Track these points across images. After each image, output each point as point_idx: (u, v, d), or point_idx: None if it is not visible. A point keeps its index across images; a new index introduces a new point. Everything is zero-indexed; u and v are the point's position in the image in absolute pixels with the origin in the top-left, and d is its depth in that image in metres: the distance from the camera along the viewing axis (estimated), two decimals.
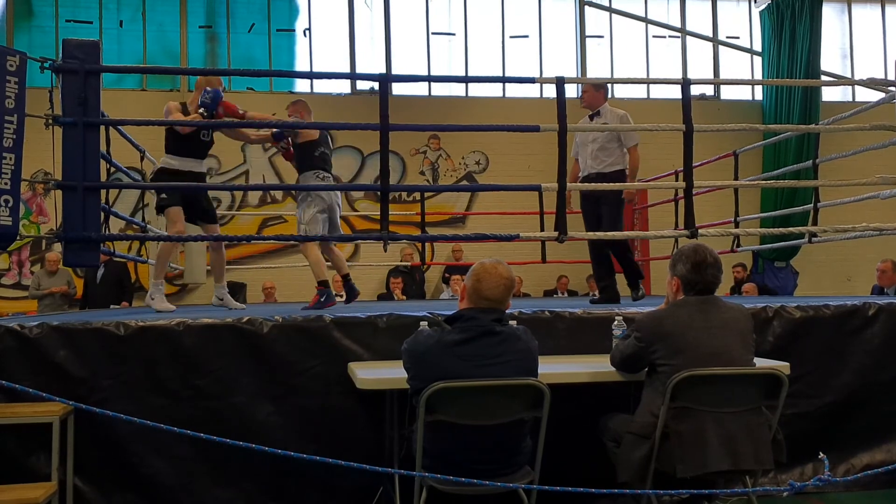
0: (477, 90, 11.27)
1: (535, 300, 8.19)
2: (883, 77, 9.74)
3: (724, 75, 12.04)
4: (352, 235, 10.46)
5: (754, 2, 11.96)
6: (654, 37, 11.99)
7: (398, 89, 10.66)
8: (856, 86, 11.50)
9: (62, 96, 3.91)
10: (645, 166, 9.50)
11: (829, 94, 11.85)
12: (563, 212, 4.37)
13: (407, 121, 7.51)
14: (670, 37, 12.04)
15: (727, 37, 12.16)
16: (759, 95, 12.00)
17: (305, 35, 11.28)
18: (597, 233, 5.06)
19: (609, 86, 11.33)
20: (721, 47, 12.12)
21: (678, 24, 12.02)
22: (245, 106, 5.10)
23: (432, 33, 11.51)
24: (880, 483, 3.68)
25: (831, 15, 12.12)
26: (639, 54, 11.90)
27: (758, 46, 11.96)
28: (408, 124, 8.28)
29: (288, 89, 10.99)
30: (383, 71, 10.94)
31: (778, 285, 11.02)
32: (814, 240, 6.25)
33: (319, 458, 1.98)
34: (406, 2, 11.43)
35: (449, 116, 10.13)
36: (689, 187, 4.51)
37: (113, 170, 5.68)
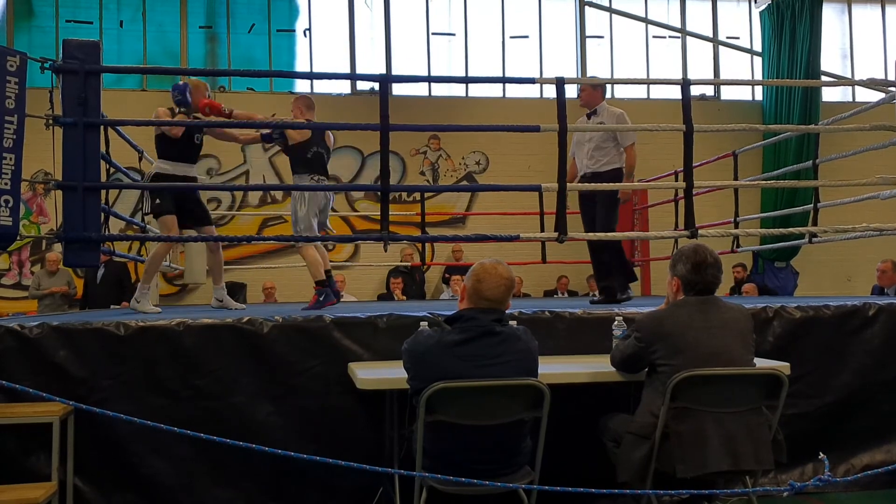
0: (477, 90, 11.26)
1: (536, 300, 8.19)
2: (883, 77, 9.74)
3: (724, 75, 12.04)
4: (352, 236, 10.47)
5: (754, 2, 11.96)
6: (654, 37, 11.99)
7: (398, 89, 10.66)
8: (856, 86, 11.49)
9: (62, 97, 3.91)
10: (645, 166, 9.59)
11: (829, 94, 11.85)
12: (563, 212, 4.37)
13: (407, 121, 7.50)
14: (670, 37, 12.03)
15: (727, 37, 12.15)
16: (759, 96, 11.99)
17: (305, 35, 11.28)
18: (597, 233, 5.06)
19: (607, 84, 11.49)
20: (721, 47, 12.11)
21: (678, 25, 12.02)
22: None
23: (432, 33, 11.51)
24: (880, 483, 3.68)
25: (831, 15, 12.11)
26: (639, 54, 11.89)
27: (758, 47, 11.96)
28: (408, 124, 8.28)
29: (288, 90, 10.98)
30: (383, 71, 10.94)
31: (778, 285, 11.01)
32: (814, 240, 6.24)
33: (319, 458, 1.98)
34: (406, 2, 11.43)
35: (449, 117, 10.12)
36: (689, 187, 4.51)
37: (113, 170, 5.68)
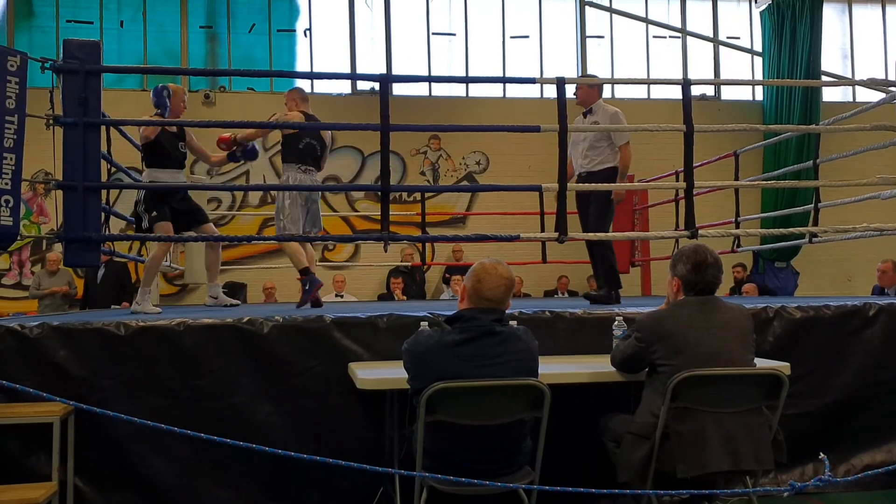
0: (477, 90, 11.26)
1: (536, 300, 8.19)
2: (883, 77, 9.76)
3: (724, 75, 12.03)
4: (352, 236, 10.47)
5: (755, 2, 11.96)
6: (654, 37, 11.99)
7: (398, 89, 10.66)
8: (856, 86, 11.49)
9: (63, 96, 3.91)
10: (645, 166, 9.60)
11: (830, 94, 11.84)
12: (563, 212, 4.37)
13: (407, 121, 7.51)
14: (671, 37, 12.03)
15: (727, 37, 12.15)
16: (759, 96, 11.99)
17: (306, 35, 11.28)
18: (597, 233, 5.06)
19: (608, 84, 11.48)
20: (721, 47, 12.11)
21: (678, 25, 12.02)
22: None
23: (432, 33, 11.51)
24: (881, 483, 3.68)
25: (832, 15, 12.11)
26: (639, 54, 11.89)
27: (758, 47, 11.96)
28: (408, 124, 8.29)
29: (288, 89, 10.95)
30: (384, 71, 10.94)
31: (778, 285, 11.01)
32: (814, 240, 6.24)
33: (319, 458, 1.98)
34: (406, 2, 11.43)
35: (449, 117, 10.12)
36: (690, 187, 4.51)
37: (113, 170, 5.68)
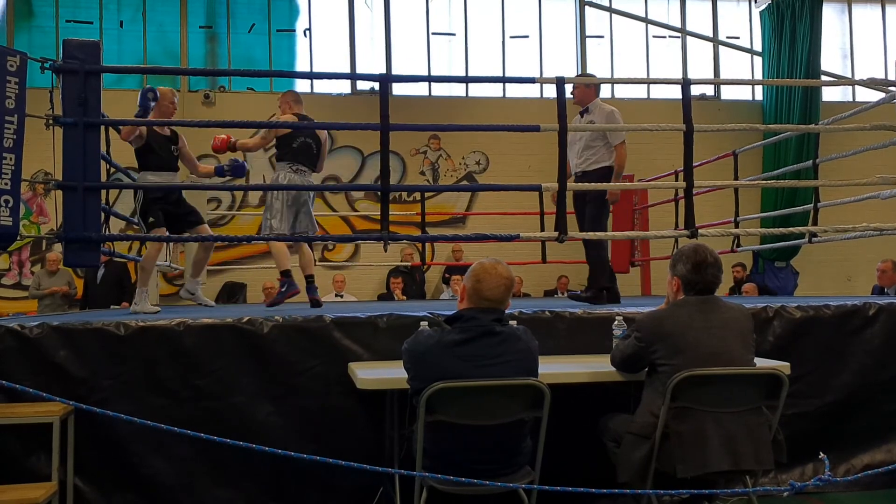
0: (477, 90, 11.26)
1: (536, 300, 8.19)
2: (883, 77, 9.75)
3: (724, 75, 12.04)
4: (352, 235, 10.48)
5: (754, 2, 11.96)
6: (654, 37, 11.99)
7: (398, 89, 10.66)
8: (856, 86, 11.49)
9: (62, 96, 3.91)
10: (645, 166, 9.62)
11: (830, 94, 11.84)
12: (563, 212, 4.37)
13: (407, 121, 7.51)
14: (670, 37, 12.04)
15: (727, 37, 12.16)
16: (759, 95, 11.99)
17: (305, 35, 11.28)
18: (597, 233, 5.06)
19: (609, 84, 11.48)
20: (721, 47, 12.11)
21: (678, 25, 12.02)
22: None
23: (432, 33, 11.51)
24: (881, 483, 3.68)
25: (831, 15, 12.12)
26: (639, 54, 11.89)
27: (758, 46, 11.96)
28: (408, 124, 8.28)
29: (288, 89, 10.97)
30: (383, 71, 10.94)
31: (778, 285, 11.01)
32: (814, 240, 6.24)
33: (319, 458, 1.98)
34: (406, 2, 11.43)
35: (449, 116, 10.12)
36: (690, 187, 4.51)
37: (113, 170, 5.69)
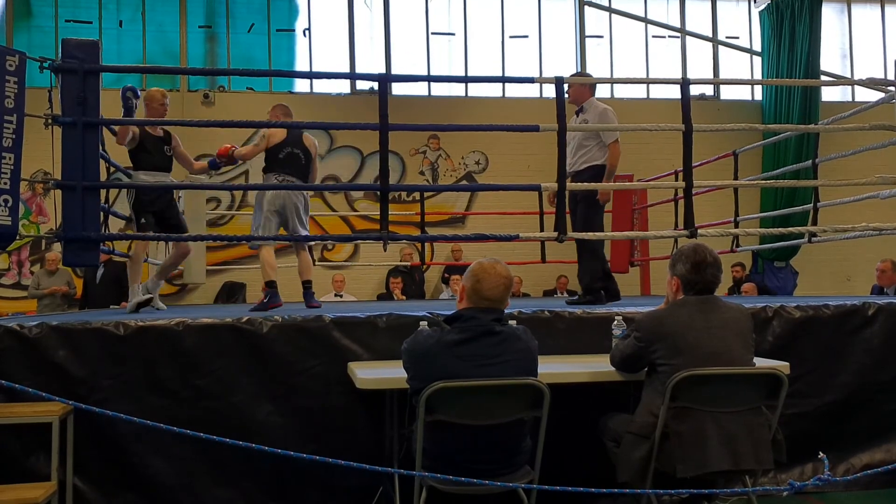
0: (477, 90, 11.25)
1: (535, 300, 8.19)
2: (882, 77, 9.74)
3: (723, 75, 12.04)
4: (351, 235, 10.48)
5: (754, 2, 11.96)
6: (653, 37, 11.99)
7: (398, 89, 10.66)
8: (855, 86, 11.50)
9: (61, 96, 3.91)
10: (645, 166, 9.62)
11: (829, 94, 11.85)
12: (562, 212, 4.37)
13: (407, 121, 7.52)
14: (670, 37, 12.03)
15: (727, 37, 12.16)
16: (758, 95, 11.99)
17: (305, 35, 11.27)
18: (597, 233, 5.05)
19: (608, 84, 11.48)
20: (721, 47, 12.11)
21: (678, 25, 12.02)
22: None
23: (432, 33, 11.51)
24: (880, 483, 3.68)
25: (831, 15, 12.12)
26: (638, 54, 11.89)
27: (757, 46, 11.96)
28: (407, 124, 8.29)
29: (287, 89, 10.99)
30: (383, 71, 10.94)
31: (778, 285, 11.01)
32: (813, 240, 6.24)
33: (319, 458, 1.98)
34: (406, 2, 11.42)
35: (449, 116, 10.12)
36: (689, 187, 4.52)
37: (112, 169, 5.68)
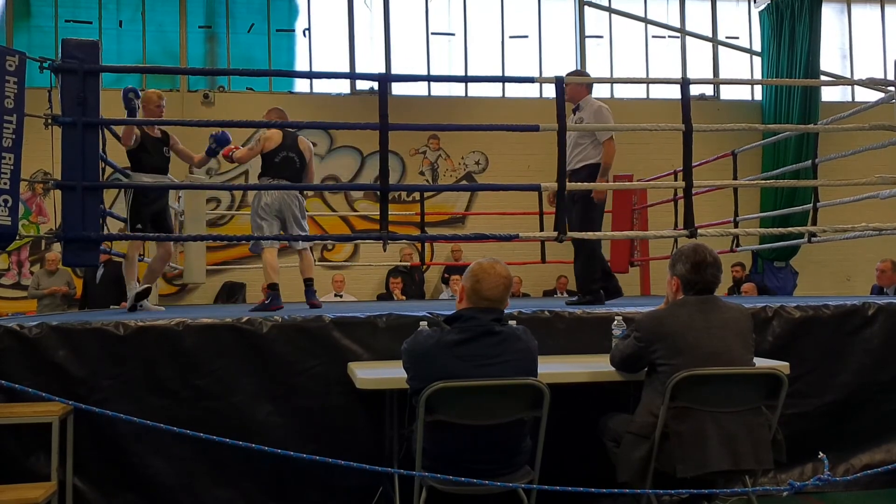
0: (476, 90, 11.25)
1: (535, 300, 8.19)
2: (882, 77, 9.74)
3: (723, 75, 12.04)
4: (351, 235, 10.48)
5: (754, 2, 11.96)
6: (653, 37, 11.99)
7: (398, 89, 10.66)
8: (855, 86, 11.50)
9: (61, 96, 3.91)
10: (644, 166, 9.62)
11: (829, 94, 11.85)
12: (562, 211, 4.36)
13: (406, 121, 7.52)
14: (670, 37, 12.03)
15: (727, 37, 12.16)
16: (758, 95, 11.99)
17: (305, 35, 11.27)
18: (597, 233, 5.05)
19: (608, 84, 11.48)
20: (721, 47, 12.11)
21: (678, 25, 12.02)
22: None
23: (432, 33, 11.51)
24: (880, 483, 3.68)
25: (831, 15, 12.12)
26: (638, 54, 11.89)
27: (757, 46, 11.96)
28: (407, 124, 8.29)
29: (287, 89, 10.99)
30: (383, 71, 10.94)
31: (777, 285, 11.01)
32: (813, 240, 6.25)
33: (319, 458, 1.98)
34: (406, 2, 11.42)
35: (449, 116, 10.12)
36: (689, 187, 4.51)
37: (111, 170, 5.68)
